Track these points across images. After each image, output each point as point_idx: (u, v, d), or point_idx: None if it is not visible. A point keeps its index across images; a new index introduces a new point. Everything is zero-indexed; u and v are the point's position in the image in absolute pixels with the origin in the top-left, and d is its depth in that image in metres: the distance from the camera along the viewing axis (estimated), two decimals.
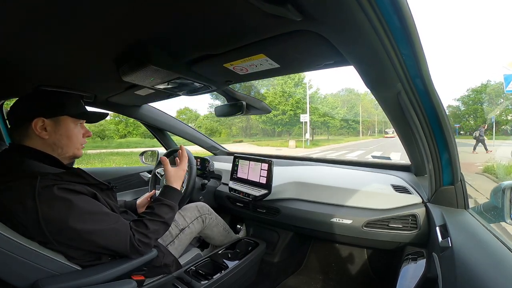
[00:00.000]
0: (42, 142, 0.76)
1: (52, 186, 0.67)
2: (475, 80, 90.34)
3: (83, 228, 0.68)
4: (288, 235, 1.51)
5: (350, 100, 50.52)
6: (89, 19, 0.56)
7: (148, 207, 0.91)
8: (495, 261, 0.58)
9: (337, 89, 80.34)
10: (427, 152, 0.84)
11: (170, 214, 0.90)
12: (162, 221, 0.87)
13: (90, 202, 0.73)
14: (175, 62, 0.79)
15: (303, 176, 1.36)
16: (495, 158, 7.94)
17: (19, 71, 0.90)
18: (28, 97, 0.78)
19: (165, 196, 0.93)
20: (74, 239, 0.69)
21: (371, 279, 1.46)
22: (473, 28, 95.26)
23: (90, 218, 0.70)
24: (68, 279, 0.69)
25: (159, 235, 0.87)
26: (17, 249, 0.63)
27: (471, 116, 37.78)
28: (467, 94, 38.39)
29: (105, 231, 0.72)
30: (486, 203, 0.92)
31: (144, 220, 0.83)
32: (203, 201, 1.47)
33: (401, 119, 0.89)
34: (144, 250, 0.80)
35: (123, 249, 0.76)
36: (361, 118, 45.73)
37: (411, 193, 1.08)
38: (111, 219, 0.75)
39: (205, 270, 1.10)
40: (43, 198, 0.64)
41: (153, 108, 1.71)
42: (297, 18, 0.50)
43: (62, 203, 0.67)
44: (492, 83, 35.51)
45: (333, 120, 31.22)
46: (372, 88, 0.78)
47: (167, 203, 0.91)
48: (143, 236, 0.80)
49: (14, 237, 0.62)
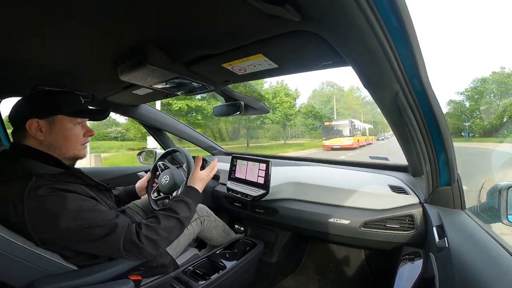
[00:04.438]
0: (38, 143, 0.74)
1: (44, 186, 0.65)
2: (481, 71, 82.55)
3: (71, 226, 0.65)
4: (286, 235, 1.51)
5: (330, 95, 44.03)
6: (87, 18, 0.56)
7: (165, 205, 0.86)
8: (491, 261, 0.58)
9: (318, 84, 74.62)
10: (424, 153, 0.84)
11: (186, 212, 0.84)
12: (177, 217, 0.80)
13: (83, 200, 0.70)
14: (173, 62, 0.78)
15: (301, 176, 1.36)
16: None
17: (16, 70, 0.89)
18: (25, 97, 0.77)
19: (185, 194, 0.90)
20: (62, 238, 0.67)
21: (369, 279, 1.47)
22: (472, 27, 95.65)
23: (81, 216, 0.66)
24: (64, 279, 0.69)
25: (172, 235, 0.79)
26: (13, 248, 0.62)
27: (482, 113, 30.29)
28: (473, 86, 31.51)
29: (97, 228, 0.68)
30: (482, 204, 0.92)
31: (158, 215, 0.78)
32: (201, 202, 1.46)
33: (398, 119, 0.89)
34: (147, 249, 0.71)
35: (116, 248, 0.70)
36: (336, 115, 33.54)
37: (408, 193, 1.08)
38: (106, 216, 0.71)
39: (203, 270, 1.10)
40: (32, 198, 0.63)
41: (151, 107, 1.71)
42: (295, 18, 0.50)
43: (53, 202, 0.65)
44: (507, 70, 29.24)
45: (273, 115, 21.05)
46: (370, 89, 0.78)
47: (186, 200, 0.87)
48: (152, 232, 0.73)
49: (10, 237, 0.62)
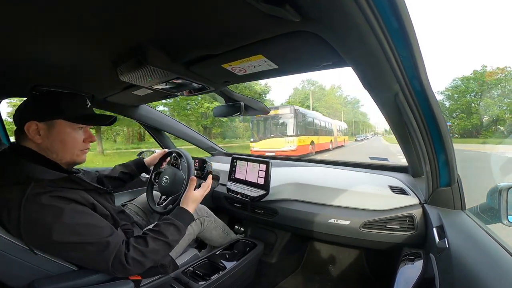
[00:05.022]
0: (36, 146, 0.73)
1: (43, 194, 0.64)
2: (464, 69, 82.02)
3: (64, 240, 0.64)
4: (286, 236, 1.51)
5: (308, 94, 43.88)
6: (87, 19, 0.56)
7: (155, 225, 0.86)
8: (492, 262, 0.58)
9: (299, 82, 71.51)
10: (424, 153, 0.84)
11: (176, 236, 0.85)
12: (166, 241, 0.81)
13: (80, 214, 0.69)
14: (173, 62, 0.78)
15: (301, 177, 1.36)
16: None
17: (15, 71, 0.89)
18: (28, 98, 0.77)
19: (176, 216, 0.89)
20: (52, 248, 0.67)
21: (368, 280, 1.47)
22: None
23: (74, 232, 0.66)
24: (64, 280, 0.69)
25: (158, 255, 0.80)
26: (13, 249, 0.62)
27: (463, 112, 29.99)
28: (454, 85, 31.10)
29: (89, 245, 0.67)
30: (482, 204, 0.92)
31: (147, 237, 0.79)
32: (201, 202, 1.46)
33: (398, 120, 0.89)
34: (133, 270, 0.72)
35: (104, 266, 0.69)
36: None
37: (408, 194, 1.08)
38: (100, 233, 0.70)
39: (203, 270, 1.10)
40: (30, 206, 0.62)
41: (151, 108, 1.71)
42: (295, 19, 0.50)
43: (50, 212, 0.64)
44: (489, 69, 29.08)
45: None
46: (369, 89, 0.78)
47: (175, 224, 0.86)
48: (139, 254, 0.74)
49: (10, 238, 0.62)
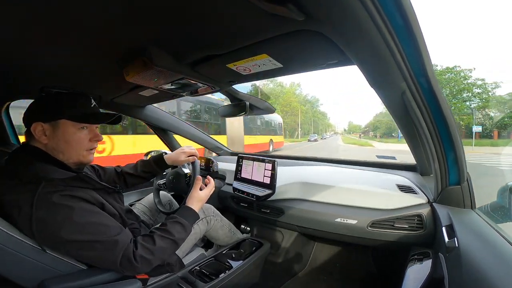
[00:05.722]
0: (44, 146, 0.75)
1: (53, 193, 0.66)
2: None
3: (73, 238, 0.66)
4: (292, 235, 1.50)
5: (272, 92, 42.83)
6: (92, 20, 0.57)
7: (162, 224, 0.87)
8: (502, 261, 0.57)
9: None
10: (433, 152, 0.83)
11: (182, 234, 0.87)
12: (172, 239, 0.83)
13: (90, 213, 0.71)
14: (178, 63, 0.79)
15: (307, 176, 1.36)
16: None
17: (23, 72, 0.91)
18: (35, 100, 0.78)
19: (181, 215, 0.91)
20: (63, 248, 0.68)
21: (376, 280, 1.45)
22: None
23: (84, 230, 0.67)
24: (73, 279, 0.70)
25: (165, 254, 0.82)
26: (24, 249, 0.64)
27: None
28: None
29: (98, 243, 0.69)
30: (493, 203, 0.90)
31: (154, 235, 0.81)
32: (207, 201, 1.47)
33: (406, 118, 0.88)
34: (140, 268, 0.74)
35: (112, 264, 0.71)
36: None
37: (416, 193, 1.06)
38: (109, 231, 0.72)
39: (210, 270, 1.10)
40: (41, 204, 0.64)
41: (157, 109, 1.72)
42: (299, 17, 0.50)
43: (61, 210, 0.65)
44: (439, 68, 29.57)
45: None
46: (376, 88, 0.77)
47: (181, 222, 0.88)
48: (147, 252, 0.76)
49: (21, 237, 0.63)
